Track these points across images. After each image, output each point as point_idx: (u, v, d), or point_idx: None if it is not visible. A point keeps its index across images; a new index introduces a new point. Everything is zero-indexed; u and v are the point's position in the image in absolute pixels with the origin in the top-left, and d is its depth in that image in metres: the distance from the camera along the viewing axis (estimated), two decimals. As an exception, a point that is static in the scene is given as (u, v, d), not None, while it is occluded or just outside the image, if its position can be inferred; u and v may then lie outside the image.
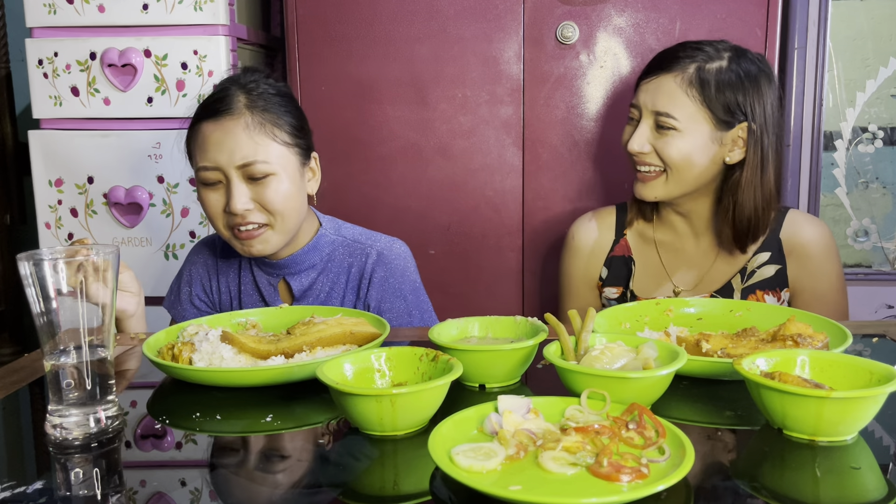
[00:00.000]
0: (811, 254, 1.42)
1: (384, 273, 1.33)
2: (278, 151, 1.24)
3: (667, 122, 1.35)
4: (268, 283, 1.35)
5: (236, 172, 1.22)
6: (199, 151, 1.25)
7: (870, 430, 0.77)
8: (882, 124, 1.91)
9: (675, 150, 1.36)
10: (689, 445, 0.65)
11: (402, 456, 0.74)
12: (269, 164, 1.22)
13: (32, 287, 0.77)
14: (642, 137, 1.38)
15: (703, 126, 1.35)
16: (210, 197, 1.25)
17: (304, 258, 1.33)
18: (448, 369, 0.80)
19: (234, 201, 1.21)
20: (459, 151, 1.78)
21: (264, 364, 0.94)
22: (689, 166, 1.37)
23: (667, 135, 1.36)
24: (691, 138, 1.36)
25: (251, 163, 1.22)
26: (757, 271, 1.43)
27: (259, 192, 1.23)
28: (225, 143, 1.22)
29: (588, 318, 0.89)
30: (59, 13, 1.80)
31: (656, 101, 1.36)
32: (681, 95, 1.35)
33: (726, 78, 1.34)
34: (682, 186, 1.39)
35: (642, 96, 1.39)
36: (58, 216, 1.87)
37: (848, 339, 0.93)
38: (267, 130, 1.23)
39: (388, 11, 1.74)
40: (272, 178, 1.23)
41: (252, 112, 1.23)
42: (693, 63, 1.35)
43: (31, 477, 0.73)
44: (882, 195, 1.94)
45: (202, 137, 1.24)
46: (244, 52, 1.92)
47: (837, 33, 1.88)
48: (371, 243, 1.35)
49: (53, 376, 0.79)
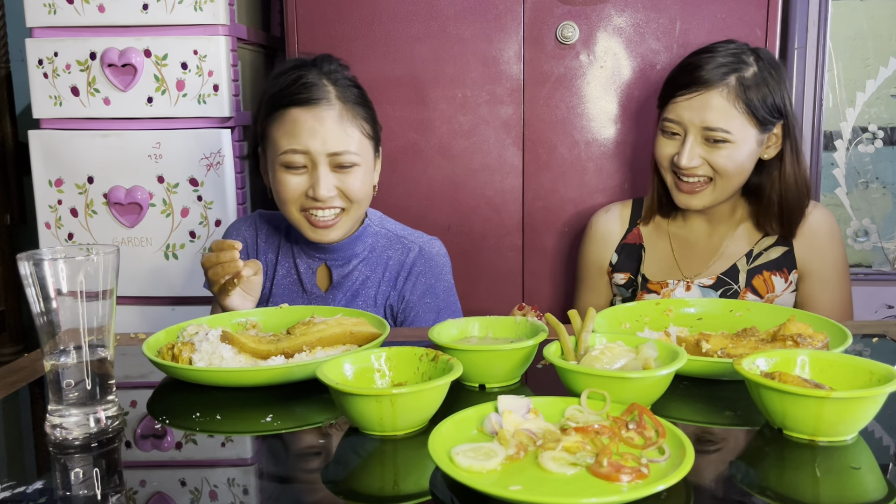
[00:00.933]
0: (817, 235, 1.46)
1: (423, 268, 1.38)
2: (363, 143, 1.30)
3: (720, 137, 1.37)
4: (307, 267, 1.39)
5: (326, 159, 1.27)
6: (288, 136, 1.27)
7: (870, 430, 0.77)
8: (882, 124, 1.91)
9: (729, 161, 1.39)
10: (689, 445, 0.65)
11: (402, 456, 0.74)
12: (356, 154, 1.28)
13: (32, 287, 0.77)
14: (694, 153, 1.40)
15: (751, 133, 1.39)
16: (291, 180, 1.28)
17: (350, 246, 1.37)
18: (448, 369, 0.80)
19: (321, 187, 1.26)
20: (459, 151, 1.78)
21: (264, 364, 0.94)
22: (740, 173, 1.41)
23: (720, 148, 1.38)
24: (744, 147, 1.39)
25: (342, 152, 1.27)
26: (763, 253, 1.47)
27: (343, 180, 1.28)
28: (318, 130, 1.26)
29: (588, 318, 0.89)
30: (59, 13, 1.80)
31: (705, 118, 1.38)
32: (730, 109, 1.37)
33: (762, 81, 1.38)
34: (729, 192, 1.43)
35: (686, 113, 1.40)
36: (58, 216, 1.87)
37: (848, 339, 0.93)
38: (356, 122, 1.29)
39: (388, 11, 1.74)
40: (356, 167, 1.29)
41: (343, 103, 1.29)
42: (733, 75, 1.37)
43: (31, 477, 0.73)
44: (882, 195, 1.94)
45: (292, 123, 1.27)
46: (244, 52, 1.92)
47: (837, 33, 1.88)
48: (413, 239, 1.41)
49: (53, 376, 0.79)
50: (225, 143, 1.79)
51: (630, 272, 1.56)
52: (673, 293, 1.49)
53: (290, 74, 1.30)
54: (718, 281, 1.48)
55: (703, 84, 1.38)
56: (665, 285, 1.50)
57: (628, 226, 1.58)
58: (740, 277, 1.47)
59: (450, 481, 0.67)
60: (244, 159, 1.84)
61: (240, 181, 1.83)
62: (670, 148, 1.44)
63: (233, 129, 1.80)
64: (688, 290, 1.48)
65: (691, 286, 1.48)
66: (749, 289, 1.47)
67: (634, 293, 1.55)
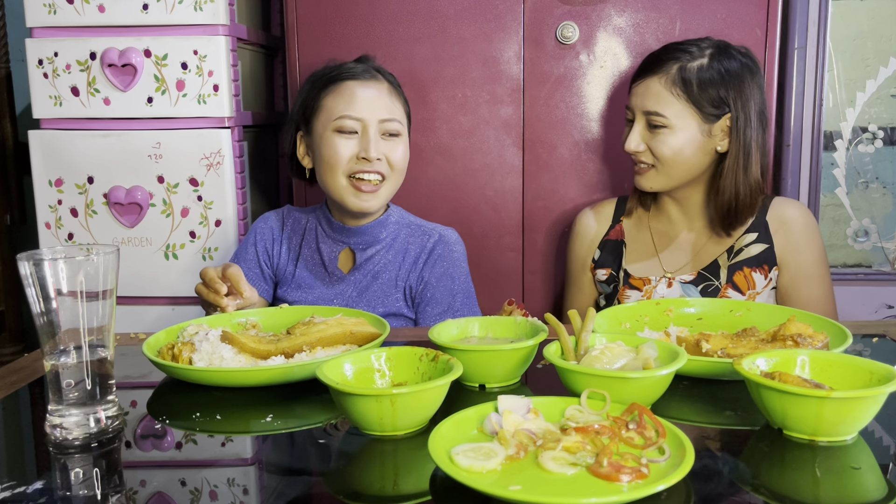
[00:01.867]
0: (793, 229, 1.49)
1: (442, 251, 1.46)
2: (404, 118, 1.45)
3: (657, 121, 1.45)
4: (331, 251, 1.47)
5: (377, 126, 1.39)
6: (345, 103, 1.39)
7: (870, 430, 0.77)
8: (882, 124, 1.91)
9: (666, 147, 1.45)
10: (689, 445, 0.65)
11: (402, 456, 0.74)
12: (400, 123, 1.42)
13: (32, 287, 0.77)
14: (637, 137, 1.48)
15: (690, 121, 1.44)
16: (344, 144, 1.38)
17: (374, 230, 1.45)
18: (448, 369, 0.80)
19: (372, 147, 1.37)
20: (459, 151, 1.78)
21: (264, 364, 0.94)
22: (681, 160, 1.46)
23: (659, 133, 1.45)
24: (682, 134, 1.44)
25: (391, 119, 1.40)
26: (744, 249, 1.50)
27: (388, 147, 1.40)
28: (373, 100, 1.39)
29: (588, 318, 0.89)
30: (59, 13, 1.79)
31: (646, 103, 1.46)
32: (667, 95, 1.44)
33: (707, 76, 1.43)
34: (675, 177, 1.49)
35: (634, 99, 1.49)
36: (58, 216, 1.87)
37: (848, 339, 0.93)
38: (400, 99, 1.45)
39: (388, 11, 1.74)
40: (400, 138, 1.42)
41: (389, 83, 1.45)
42: (676, 64, 1.44)
43: (31, 477, 0.73)
44: (882, 195, 1.93)
45: (350, 92, 1.40)
46: (244, 52, 1.92)
47: (837, 33, 1.88)
48: (433, 228, 1.50)
49: (53, 376, 0.79)
50: (225, 143, 1.79)
51: (612, 268, 1.60)
52: (655, 290, 1.52)
53: (338, 64, 1.46)
54: (699, 276, 1.50)
55: (649, 72, 1.46)
56: (647, 282, 1.53)
57: (611, 222, 1.63)
58: (721, 273, 1.49)
59: (450, 481, 0.67)
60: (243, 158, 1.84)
61: (240, 181, 1.83)
62: (626, 135, 1.52)
63: (233, 129, 1.80)
64: (669, 286, 1.51)
65: (672, 282, 1.51)
66: (730, 285, 1.49)
67: (616, 289, 1.58)
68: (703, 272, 1.50)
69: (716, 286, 1.49)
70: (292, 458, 0.76)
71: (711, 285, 1.49)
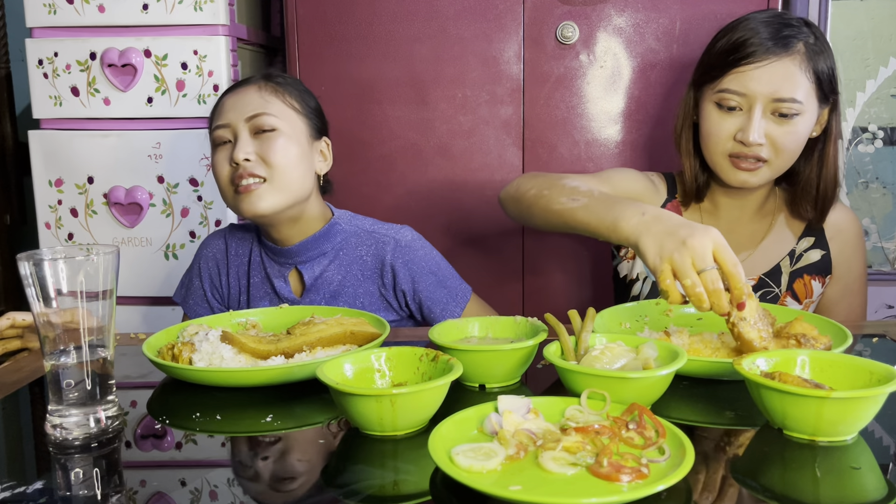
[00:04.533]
0: (849, 238, 1.40)
1: (407, 258, 1.36)
2: (286, 112, 1.32)
3: (791, 109, 1.24)
4: (279, 274, 1.37)
5: (245, 126, 1.29)
6: (216, 116, 1.33)
7: (870, 430, 0.77)
8: (882, 124, 1.91)
9: (795, 137, 1.26)
10: (689, 445, 0.65)
11: (402, 456, 0.74)
12: (275, 118, 1.30)
13: (32, 287, 0.77)
14: (762, 128, 1.25)
15: (814, 105, 1.28)
16: (220, 157, 1.31)
17: (315, 245, 1.35)
18: (448, 369, 0.80)
19: (238, 150, 1.27)
20: (459, 151, 1.78)
21: (264, 364, 0.94)
22: (798, 151, 1.29)
23: (788, 122, 1.25)
24: (808, 121, 1.27)
25: (259, 114, 1.29)
26: (804, 255, 1.38)
27: (263, 146, 1.29)
28: (237, 103, 1.31)
29: (588, 319, 0.89)
30: (59, 13, 1.79)
31: (778, 88, 1.24)
32: (800, 77, 1.24)
33: (822, 48, 1.27)
34: (781, 171, 1.32)
35: (752, 84, 1.25)
36: (58, 216, 1.87)
37: (848, 339, 0.93)
38: (278, 94, 1.33)
39: (388, 11, 1.74)
40: (277, 133, 1.29)
41: (267, 81, 1.34)
42: (799, 41, 1.25)
43: (31, 477, 0.73)
44: (882, 195, 1.93)
45: (220, 106, 1.34)
46: (244, 52, 1.92)
47: (837, 33, 1.88)
48: (384, 232, 1.39)
49: (53, 376, 0.79)
50: (225, 143, 1.79)
51: None
52: None
53: None
54: (760, 282, 1.37)
55: (776, 52, 1.24)
56: None
57: (667, 195, 1.44)
58: (782, 280, 1.38)
59: (450, 481, 0.67)
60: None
61: (240, 181, 1.83)
62: (730, 123, 1.28)
63: (233, 129, 1.80)
64: None
65: None
66: (789, 292, 1.38)
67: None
68: (764, 277, 1.37)
69: (775, 293, 1.37)
70: (292, 458, 0.76)
71: (771, 292, 1.37)
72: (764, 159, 1.27)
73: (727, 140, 1.29)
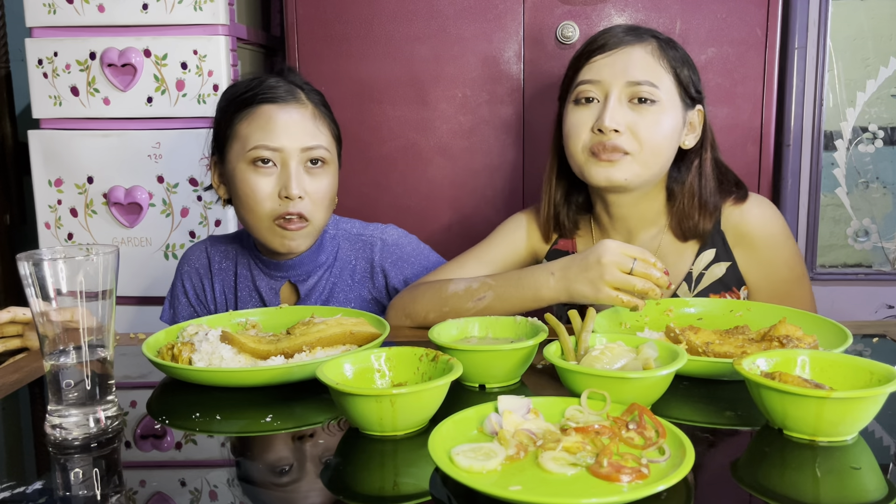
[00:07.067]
0: (755, 241, 1.25)
1: (395, 256, 1.35)
2: (332, 144, 1.26)
3: (647, 94, 1.18)
4: (269, 288, 1.34)
5: (298, 156, 1.21)
6: (260, 131, 1.20)
7: (870, 430, 0.77)
8: (882, 124, 1.91)
9: (656, 126, 1.19)
10: (689, 445, 0.65)
11: (402, 456, 0.74)
12: (329, 152, 1.24)
13: (32, 287, 0.77)
14: (617, 113, 1.18)
15: (677, 102, 1.21)
16: (261, 181, 1.20)
17: (313, 258, 1.32)
18: (448, 369, 0.80)
19: (293, 184, 1.19)
20: (459, 151, 1.78)
21: (264, 364, 0.94)
22: (665, 148, 1.21)
23: (647, 110, 1.19)
24: (671, 115, 1.20)
25: (315, 147, 1.22)
26: (705, 273, 1.26)
27: (312, 182, 1.22)
28: (291, 126, 1.20)
29: (588, 319, 0.89)
30: (59, 13, 1.80)
31: (632, 71, 1.19)
32: (654, 64, 1.20)
33: (681, 54, 1.23)
34: (651, 170, 1.21)
35: (606, 70, 1.20)
36: (58, 216, 1.87)
37: (848, 339, 0.93)
38: (327, 123, 1.26)
39: (388, 11, 1.74)
40: (325, 167, 1.24)
41: (314, 104, 1.25)
42: (651, 35, 1.22)
43: (31, 477, 0.73)
44: (882, 195, 1.93)
45: (265, 118, 1.20)
46: (244, 52, 1.92)
47: (837, 33, 1.88)
48: (370, 233, 1.37)
49: (53, 376, 0.79)
50: (225, 143, 1.79)
51: None
52: None
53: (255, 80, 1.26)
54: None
55: (624, 42, 1.21)
56: None
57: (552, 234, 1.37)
58: None
59: (450, 481, 0.67)
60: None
61: (240, 181, 1.83)
62: (587, 115, 1.21)
63: (233, 129, 1.80)
64: None
65: None
66: None
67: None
68: None
69: None
70: (292, 458, 0.76)
71: None
72: (626, 150, 1.18)
73: (585, 132, 1.21)
